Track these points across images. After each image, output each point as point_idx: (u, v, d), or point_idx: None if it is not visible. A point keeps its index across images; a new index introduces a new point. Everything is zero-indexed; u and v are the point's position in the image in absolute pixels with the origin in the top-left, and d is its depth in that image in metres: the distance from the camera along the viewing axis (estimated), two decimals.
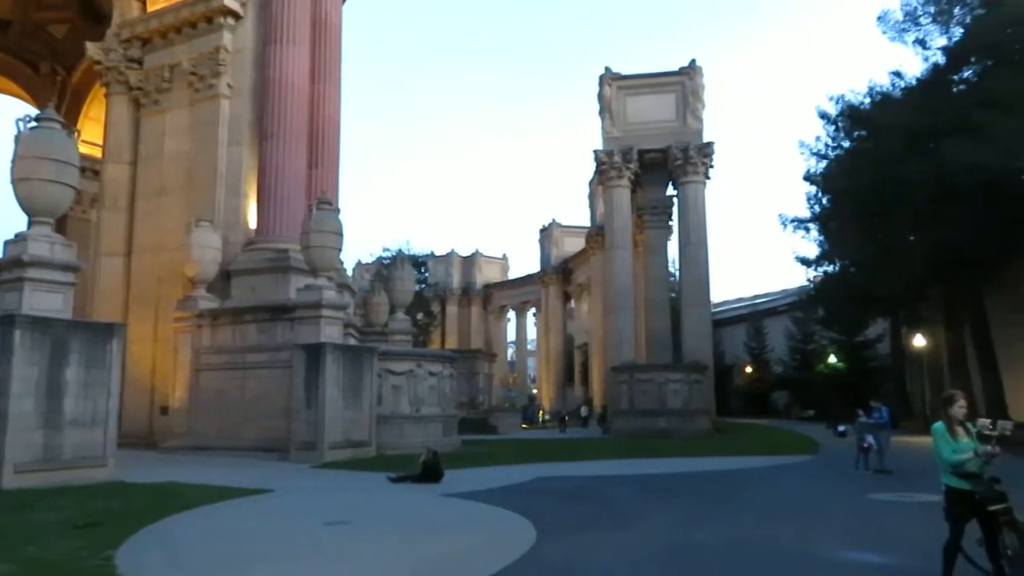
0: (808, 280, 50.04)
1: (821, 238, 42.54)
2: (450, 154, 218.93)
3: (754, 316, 70.21)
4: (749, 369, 68.24)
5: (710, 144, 44.67)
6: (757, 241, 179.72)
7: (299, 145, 27.28)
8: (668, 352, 46.10)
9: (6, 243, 16.45)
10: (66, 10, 38.71)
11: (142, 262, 28.39)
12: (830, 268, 44.09)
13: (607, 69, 46.12)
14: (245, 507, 13.44)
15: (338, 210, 25.03)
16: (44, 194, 16.38)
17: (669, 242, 49.99)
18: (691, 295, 44.64)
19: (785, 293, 67.32)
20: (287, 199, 26.47)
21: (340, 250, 24.75)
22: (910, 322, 45.09)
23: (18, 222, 17.17)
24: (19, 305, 15.56)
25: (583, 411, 55.73)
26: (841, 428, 36.95)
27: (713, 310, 53.20)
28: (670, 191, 48.08)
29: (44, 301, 15.94)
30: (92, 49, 30.43)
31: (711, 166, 45.03)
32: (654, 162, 45.60)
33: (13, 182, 16.29)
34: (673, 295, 51.24)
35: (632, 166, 44.96)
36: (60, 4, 38.71)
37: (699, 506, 14.23)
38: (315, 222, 23.37)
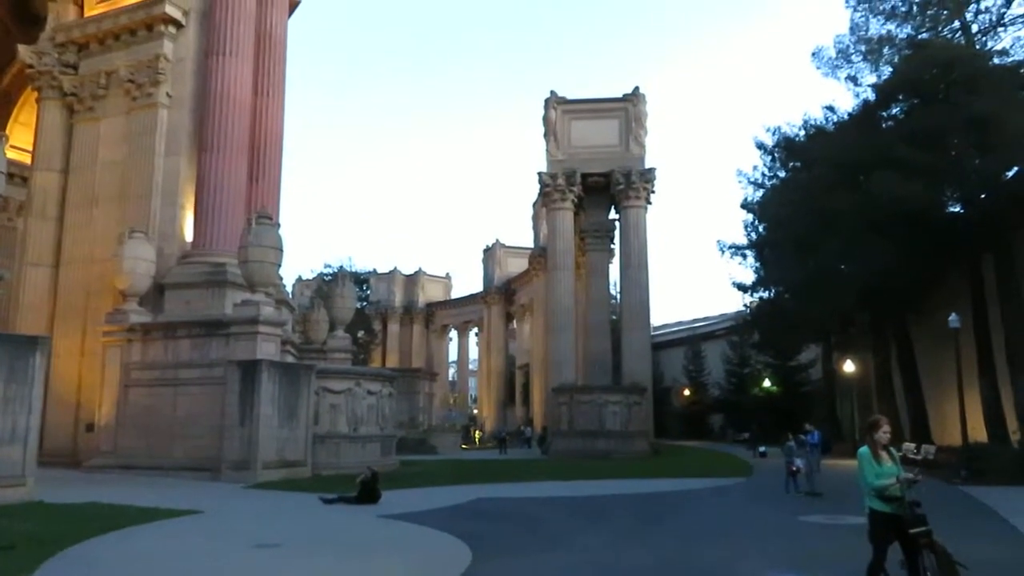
0: (744, 305, 51.21)
1: (757, 264, 43.64)
2: (394, 172, 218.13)
3: (693, 339, 71.42)
4: (687, 392, 69.29)
5: (652, 170, 45.60)
6: (696, 266, 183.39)
7: (240, 158, 26.83)
8: (608, 374, 46.54)
9: None
10: None
11: (71, 273, 27.40)
12: (765, 294, 45.22)
13: (552, 93, 46.74)
14: (172, 529, 13.00)
15: (278, 225, 24.67)
16: None
17: (611, 265, 50.65)
18: (631, 318, 45.24)
19: (723, 317, 68.73)
20: (226, 212, 25.95)
21: (279, 265, 24.38)
22: (840, 347, 46.47)
23: None
24: None
25: (527, 431, 55.72)
26: (762, 449, 38.23)
27: (653, 333, 54.02)
28: (612, 215, 48.83)
29: None
30: (24, 52, 29.43)
31: (652, 191, 45.94)
32: (597, 186, 46.29)
33: None
34: (614, 317, 51.84)
35: (575, 189, 45.56)
36: None
37: (634, 527, 14.35)
38: (254, 236, 22.97)
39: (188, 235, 26.61)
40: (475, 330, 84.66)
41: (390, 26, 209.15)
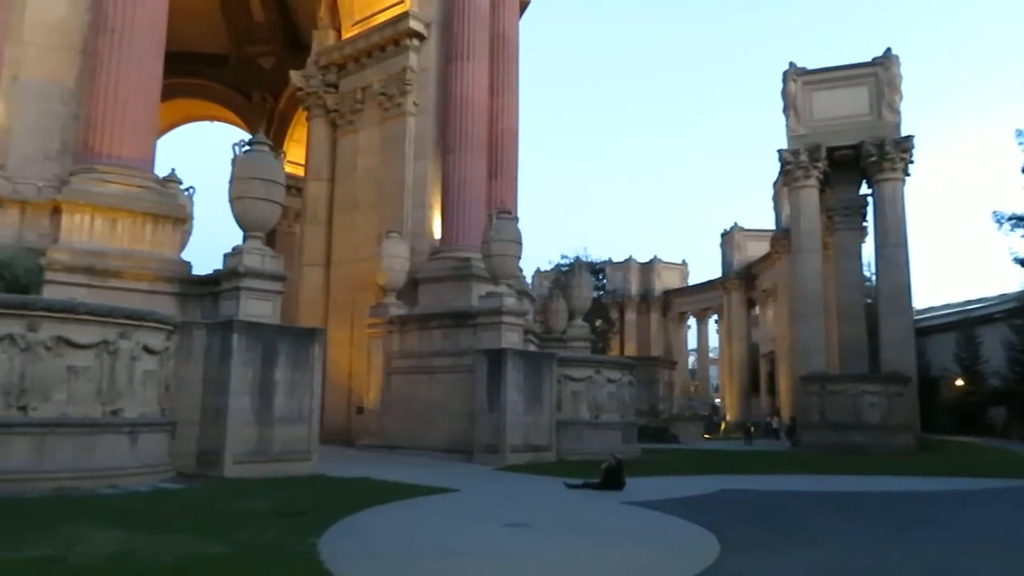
0: None
1: None
2: (629, 159, 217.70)
3: (965, 324, 63.77)
4: (960, 382, 62.13)
5: (909, 138, 41.38)
6: (966, 242, 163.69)
7: (479, 157, 28.19)
8: (863, 362, 43.05)
9: (225, 256, 18.38)
10: (273, 43, 42.75)
11: (339, 272, 30.52)
12: None
13: (791, 64, 44.03)
14: (432, 505, 14.06)
15: (517, 219, 25.60)
16: (255, 211, 18.14)
17: (863, 245, 46.78)
18: (889, 301, 41.51)
19: (1002, 298, 60.69)
20: (469, 209, 27.44)
21: (519, 258, 25.30)
22: None
23: (232, 236, 18.99)
24: (236, 312, 17.29)
25: (774, 423, 53.31)
26: None
27: (916, 317, 49.19)
28: (864, 190, 45.02)
29: (257, 308, 17.61)
30: (295, 77, 33.29)
31: (910, 161, 41.75)
32: (845, 160, 42.90)
33: (231, 200, 18.19)
34: (869, 301, 47.82)
35: (820, 165, 42.57)
36: (268, 38, 42.83)
37: (897, 529, 13.10)
38: (495, 231, 24.07)
39: (436, 232, 28.47)
40: (714, 317, 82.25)
41: (619, 13, 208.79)
